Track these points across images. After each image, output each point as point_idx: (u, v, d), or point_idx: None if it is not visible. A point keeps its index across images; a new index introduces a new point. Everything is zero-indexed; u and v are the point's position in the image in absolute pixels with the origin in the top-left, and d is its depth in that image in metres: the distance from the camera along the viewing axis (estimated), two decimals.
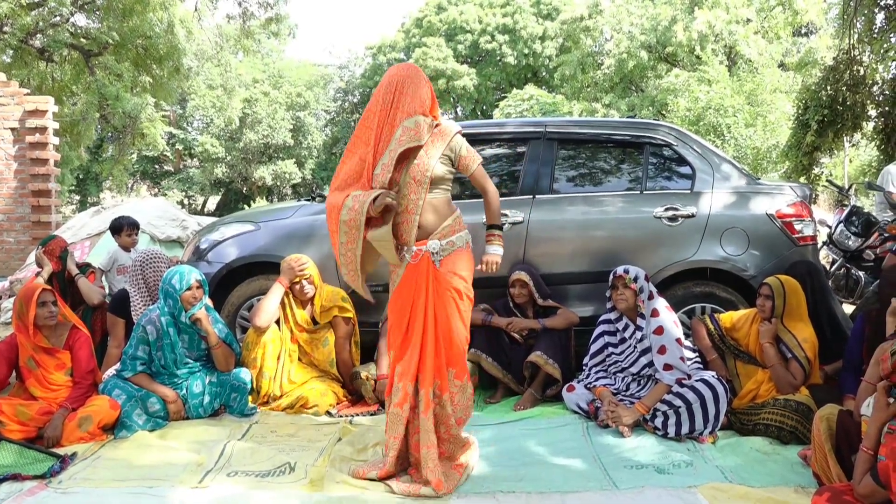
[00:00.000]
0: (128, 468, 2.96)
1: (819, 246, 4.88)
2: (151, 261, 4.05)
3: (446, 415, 2.81)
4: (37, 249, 4.64)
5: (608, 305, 3.71)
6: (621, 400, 3.50)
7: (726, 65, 17.40)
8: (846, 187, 6.80)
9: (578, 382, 3.71)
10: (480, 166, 2.93)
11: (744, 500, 2.61)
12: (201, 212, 28.80)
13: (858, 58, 9.18)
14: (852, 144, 14.19)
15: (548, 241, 4.13)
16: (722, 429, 3.31)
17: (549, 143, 4.25)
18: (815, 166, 10.17)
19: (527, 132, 4.32)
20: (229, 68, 17.52)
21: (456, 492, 2.73)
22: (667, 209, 4.08)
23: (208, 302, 3.77)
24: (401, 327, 2.83)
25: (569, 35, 22.28)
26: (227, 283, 4.30)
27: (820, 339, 3.46)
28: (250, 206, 22.66)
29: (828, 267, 5.89)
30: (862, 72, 9.13)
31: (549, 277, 4.06)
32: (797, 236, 4.06)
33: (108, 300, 4.38)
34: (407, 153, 2.76)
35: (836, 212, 6.53)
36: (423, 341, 2.77)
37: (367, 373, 3.87)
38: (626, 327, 3.64)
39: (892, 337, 2.89)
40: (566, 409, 3.66)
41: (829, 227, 6.11)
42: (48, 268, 4.48)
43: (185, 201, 30.87)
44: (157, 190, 30.11)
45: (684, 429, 3.25)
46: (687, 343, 3.59)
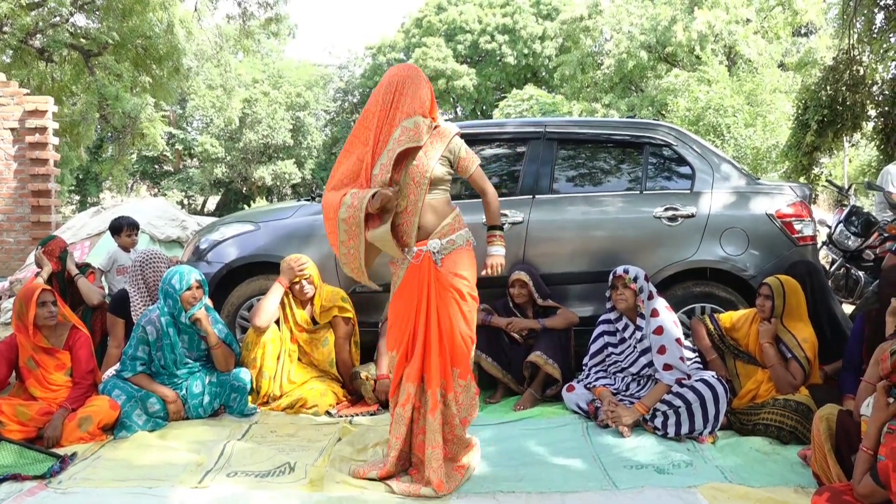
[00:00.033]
0: (128, 468, 2.96)
1: (819, 246, 4.88)
2: (151, 261, 4.05)
3: (451, 415, 2.81)
4: (36, 250, 4.63)
5: (608, 305, 3.71)
6: (621, 400, 3.50)
7: (726, 65, 17.41)
8: (846, 187, 6.80)
9: (578, 382, 3.71)
10: (479, 168, 2.93)
11: (744, 500, 2.61)
12: (201, 212, 28.79)
13: (858, 58, 9.18)
14: (852, 144, 14.18)
15: (547, 241, 4.13)
16: (722, 429, 3.31)
17: (549, 144, 4.25)
18: (814, 166, 10.17)
19: (526, 132, 4.32)
20: (229, 68, 17.51)
21: (456, 492, 2.73)
22: (666, 209, 4.09)
23: (208, 302, 3.77)
24: (403, 328, 2.83)
25: (568, 35, 22.29)
26: (226, 283, 4.30)
27: (820, 339, 3.46)
28: (250, 206, 22.63)
29: (828, 267, 5.89)
30: (862, 72, 9.13)
31: (548, 277, 4.06)
32: (797, 236, 4.06)
33: (107, 300, 4.38)
34: (405, 154, 2.76)
35: (836, 212, 6.53)
36: (427, 342, 2.77)
37: (367, 373, 3.87)
38: (625, 327, 3.64)
39: (891, 337, 2.88)
40: (566, 409, 3.66)
41: (829, 227, 6.11)
42: (48, 268, 4.47)
43: (185, 201, 30.86)
44: (156, 190, 30.10)
45: (684, 429, 3.25)
46: (687, 343, 3.59)
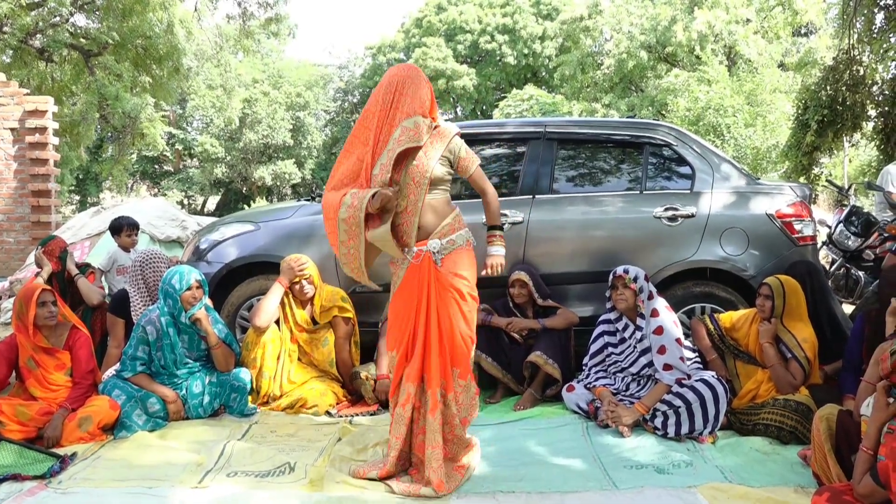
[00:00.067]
0: (128, 468, 2.96)
1: (819, 246, 4.88)
2: (151, 261, 4.05)
3: (451, 415, 2.81)
4: (36, 249, 4.63)
5: (608, 305, 3.71)
6: (621, 400, 3.50)
7: (726, 65, 17.41)
8: (846, 187, 6.80)
9: (578, 382, 3.71)
10: (479, 168, 2.93)
11: (744, 500, 2.61)
12: (201, 212, 28.79)
13: (858, 58, 9.18)
14: (852, 144, 14.18)
15: (547, 241, 4.13)
16: (722, 429, 3.31)
17: (549, 143, 4.25)
18: (814, 166, 10.16)
19: (526, 132, 4.32)
20: (229, 68, 17.51)
21: (456, 492, 2.73)
22: (666, 209, 4.09)
23: (208, 302, 3.77)
24: (403, 328, 2.83)
25: (568, 35, 22.29)
26: (226, 283, 4.30)
27: (820, 339, 3.46)
28: (250, 206, 22.64)
29: (827, 267, 5.89)
30: (861, 72, 9.13)
31: (548, 277, 4.06)
32: (797, 236, 4.06)
33: (107, 300, 4.38)
34: (406, 154, 2.76)
35: (836, 212, 6.53)
36: (427, 342, 2.77)
37: (367, 373, 3.87)
38: (625, 327, 3.64)
39: (891, 337, 2.88)
40: (566, 409, 3.66)
41: (829, 227, 6.11)
42: (48, 268, 4.47)
43: (185, 201, 30.86)
44: (156, 190, 30.10)
45: (684, 429, 3.25)
46: (687, 343, 3.59)
